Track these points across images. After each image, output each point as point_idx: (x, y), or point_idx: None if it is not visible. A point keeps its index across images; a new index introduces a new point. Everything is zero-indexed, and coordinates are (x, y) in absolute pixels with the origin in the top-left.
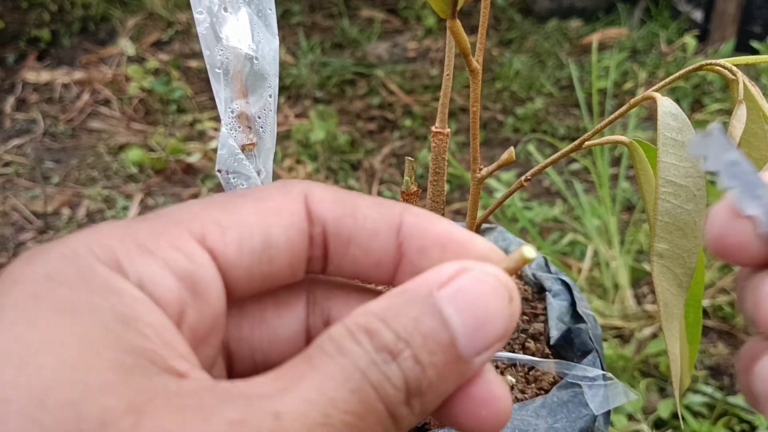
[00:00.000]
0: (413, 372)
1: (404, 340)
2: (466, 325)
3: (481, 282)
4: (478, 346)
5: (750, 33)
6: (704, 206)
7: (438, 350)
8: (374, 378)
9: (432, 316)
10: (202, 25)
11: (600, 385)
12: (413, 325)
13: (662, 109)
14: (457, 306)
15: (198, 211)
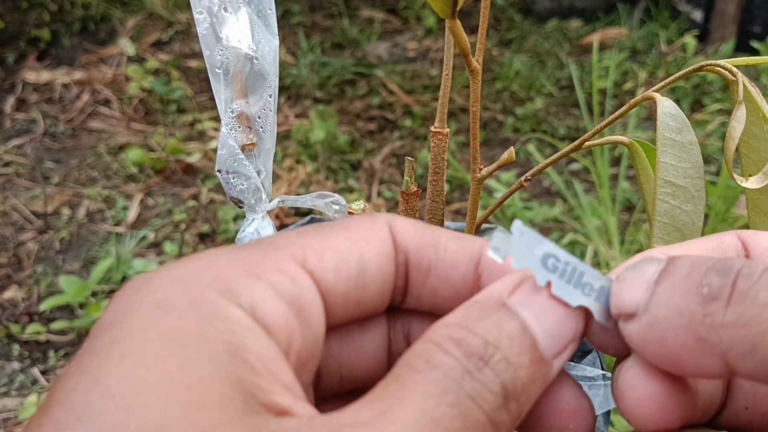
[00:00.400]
0: (507, 374)
1: (492, 345)
2: (543, 327)
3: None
4: (556, 348)
5: (750, 33)
6: (703, 207)
7: (524, 351)
8: (471, 388)
9: (512, 319)
10: (202, 25)
11: (600, 385)
12: (497, 329)
13: (662, 109)
14: (531, 310)
15: (295, 238)
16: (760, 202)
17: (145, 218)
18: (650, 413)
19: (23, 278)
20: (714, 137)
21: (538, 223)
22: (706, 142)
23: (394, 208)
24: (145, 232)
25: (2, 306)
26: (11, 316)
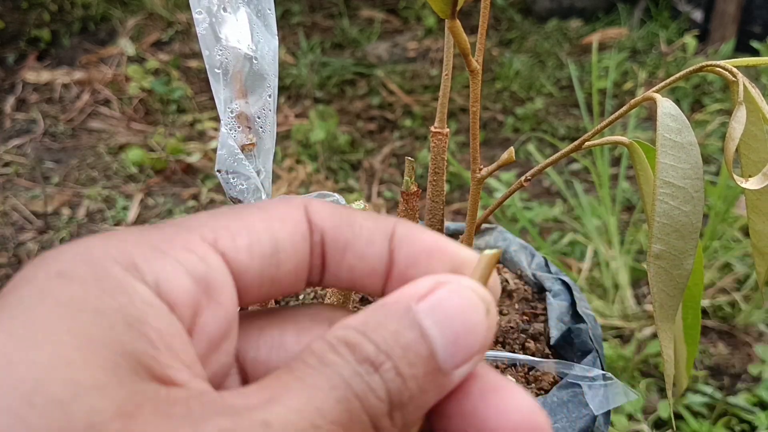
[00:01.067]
0: (395, 384)
1: (384, 353)
2: (444, 337)
3: (459, 295)
4: (458, 359)
5: (750, 33)
6: (702, 208)
7: (418, 362)
8: (358, 388)
9: (411, 329)
10: (201, 26)
11: (600, 385)
12: (393, 337)
13: (661, 110)
14: (435, 319)
15: (207, 219)
16: (759, 203)
17: (145, 218)
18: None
19: None
20: (714, 137)
21: (538, 223)
22: (706, 143)
23: (394, 208)
24: None
25: None
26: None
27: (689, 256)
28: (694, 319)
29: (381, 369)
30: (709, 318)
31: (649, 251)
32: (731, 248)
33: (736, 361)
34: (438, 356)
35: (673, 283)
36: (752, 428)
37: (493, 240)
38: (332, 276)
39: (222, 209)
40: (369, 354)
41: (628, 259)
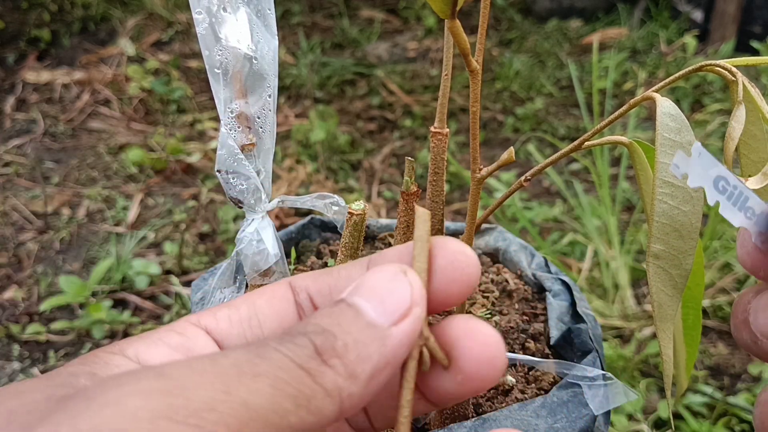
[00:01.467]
0: (318, 336)
1: (312, 323)
2: (370, 301)
3: (376, 271)
4: (391, 314)
5: (750, 33)
6: (701, 208)
7: (344, 320)
8: (279, 345)
9: (338, 305)
10: (201, 26)
11: (600, 385)
12: (321, 314)
13: (661, 110)
14: (358, 292)
15: (198, 312)
16: None
17: (145, 218)
18: None
19: (23, 278)
20: (714, 137)
21: (538, 223)
22: (706, 142)
23: (394, 208)
24: (145, 232)
25: (2, 306)
26: (11, 316)
27: (688, 256)
28: (695, 320)
29: (306, 330)
30: (709, 318)
31: (649, 251)
32: (731, 248)
33: (736, 361)
34: (369, 315)
35: (673, 283)
36: (752, 428)
37: (493, 240)
38: None
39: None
40: (296, 328)
41: (628, 259)
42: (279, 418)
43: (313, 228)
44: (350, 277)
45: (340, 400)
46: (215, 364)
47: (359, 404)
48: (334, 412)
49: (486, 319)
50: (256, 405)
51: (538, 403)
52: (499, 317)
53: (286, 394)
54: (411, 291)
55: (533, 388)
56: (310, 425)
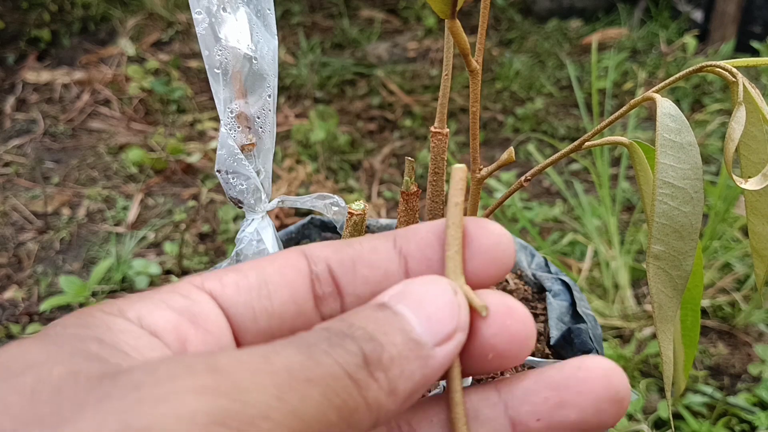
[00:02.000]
0: (369, 344)
1: (357, 326)
2: (417, 315)
3: (424, 281)
4: (437, 336)
5: (750, 33)
6: (701, 209)
7: (391, 331)
8: (328, 346)
9: (383, 310)
10: (200, 26)
11: None
12: (366, 317)
13: (661, 110)
14: (406, 303)
15: (201, 273)
16: (759, 204)
17: (145, 218)
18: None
19: (23, 278)
20: (714, 137)
21: (538, 223)
22: (706, 143)
23: (394, 208)
24: (145, 232)
25: (2, 306)
26: (11, 316)
27: (689, 256)
28: (693, 321)
29: (354, 334)
30: (709, 318)
31: (649, 252)
32: (731, 248)
33: (736, 361)
34: (414, 330)
35: (673, 284)
36: (752, 428)
37: None
38: (352, 296)
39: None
40: (342, 327)
41: (628, 259)
42: (324, 428)
43: (313, 228)
44: (376, 249)
45: (378, 416)
46: (268, 363)
47: (389, 419)
48: (368, 428)
49: None
50: (306, 415)
51: None
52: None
53: (333, 405)
54: (459, 314)
55: None
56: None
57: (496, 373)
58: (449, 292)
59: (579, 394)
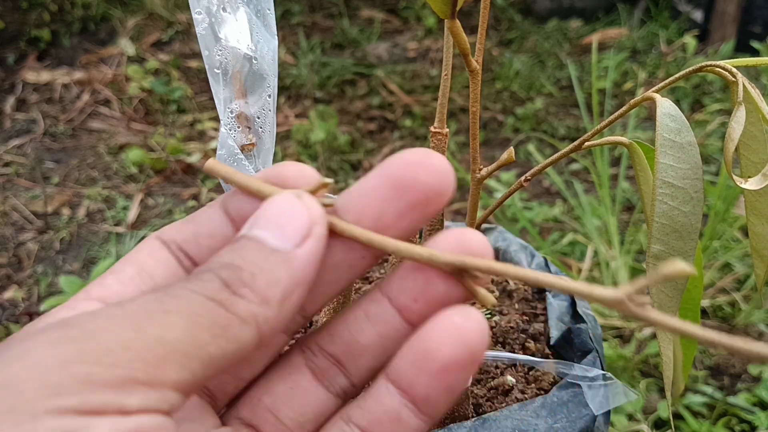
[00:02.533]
0: (223, 270)
1: (215, 261)
2: (268, 229)
3: (269, 201)
4: (292, 237)
5: (750, 33)
6: (701, 209)
7: (246, 253)
8: (185, 282)
9: (238, 241)
10: (200, 26)
11: (600, 385)
12: (224, 252)
13: (661, 110)
14: (256, 225)
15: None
16: (758, 204)
17: (145, 218)
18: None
19: (23, 278)
20: (714, 137)
21: (538, 223)
22: (706, 143)
23: None
24: (145, 232)
25: (2, 306)
26: (11, 316)
27: (688, 257)
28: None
29: (210, 268)
30: (709, 318)
31: (648, 252)
32: (731, 248)
33: (736, 361)
34: (269, 242)
35: (672, 284)
36: (752, 428)
37: (493, 240)
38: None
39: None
40: (199, 269)
41: (628, 259)
42: (198, 349)
43: None
44: (210, 219)
45: (257, 325)
46: (122, 309)
47: (278, 326)
48: (254, 337)
49: (486, 319)
50: (172, 339)
51: (538, 403)
52: (499, 317)
53: (201, 326)
54: (308, 212)
55: (533, 388)
56: (231, 353)
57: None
58: (291, 198)
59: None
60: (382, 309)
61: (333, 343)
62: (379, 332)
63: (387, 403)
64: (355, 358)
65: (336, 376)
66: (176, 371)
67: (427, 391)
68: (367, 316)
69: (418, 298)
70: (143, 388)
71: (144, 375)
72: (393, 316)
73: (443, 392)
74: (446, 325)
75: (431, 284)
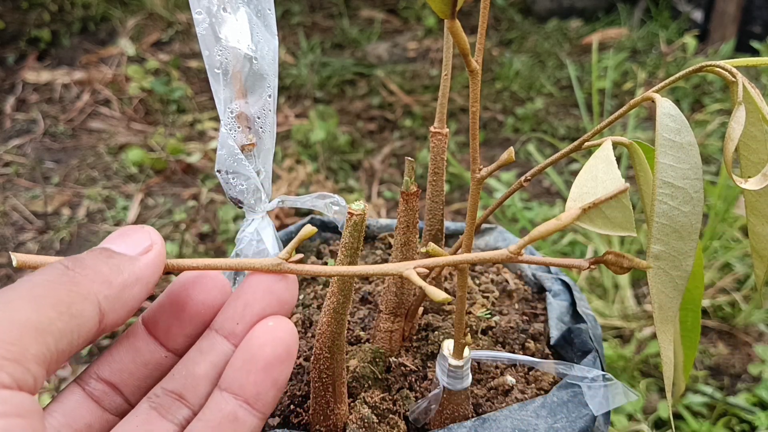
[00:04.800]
0: (68, 261)
1: (64, 260)
2: (113, 242)
3: (123, 230)
4: (136, 247)
5: (750, 33)
6: (701, 209)
7: (92, 254)
8: (29, 276)
9: (91, 251)
10: (201, 26)
11: (600, 386)
12: (81, 256)
13: (661, 110)
14: (104, 242)
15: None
16: (758, 203)
17: (145, 218)
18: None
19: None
20: (714, 137)
21: (538, 223)
22: (706, 143)
23: (394, 208)
24: None
25: None
26: None
27: (689, 257)
28: (693, 322)
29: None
30: (709, 318)
31: (648, 252)
32: (731, 248)
33: (736, 361)
34: (114, 249)
35: (673, 285)
36: (752, 428)
37: (492, 240)
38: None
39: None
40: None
41: None
42: (47, 325)
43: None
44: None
45: (98, 302)
46: None
47: (118, 310)
48: (95, 313)
49: (486, 319)
50: (22, 319)
51: (538, 403)
52: (499, 317)
53: (45, 305)
54: (150, 234)
55: (533, 388)
56: (77, 327)
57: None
58: (141, 229)
59: (254, 292)
60: (211, 341)
61: (173, 381)
62: (212, 360)
63: (224, 408)
64: (194, 388)
65: (178, 409)
66: (33, 346)
67: (257, 388)
68: (199, 350)
69: (240, 321)
70: (8, 363)
71: (6, 352)
72: (221, 343)
73: (270, 386)
74: (264, 330)
75: (248, 307)
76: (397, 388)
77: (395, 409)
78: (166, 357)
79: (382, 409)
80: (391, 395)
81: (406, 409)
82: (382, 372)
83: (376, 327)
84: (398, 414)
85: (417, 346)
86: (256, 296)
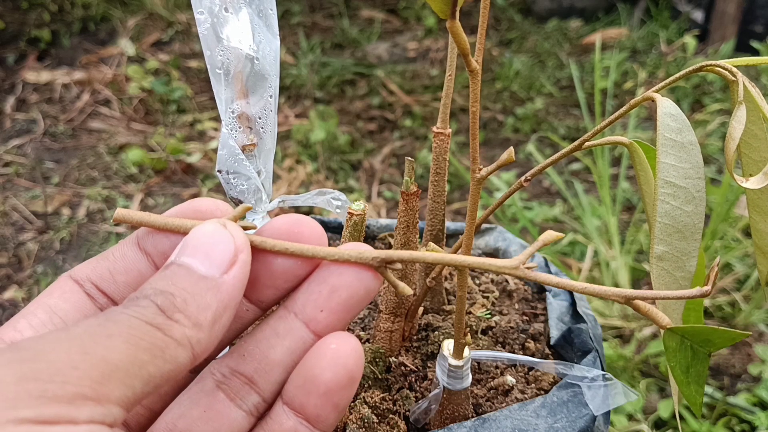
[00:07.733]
0: (158, 297)
1: (149, 287)
2: (196, 257)
3: (196, 230)
4: (219, 264)
5: (750, 33)
6: (704, 208)
7: (178, 280)
8: (124, 309)
9: (169, 268)
10: (202, 26)
11: (600, 385)
12: (155, 279)
13: (662, 110)
14: (184, 252)
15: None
16: (760, 201)
17: None
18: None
19: (23, 278)
20: (714, 137)
21: (538, 223)
22: (707, 142)
23: (394, 208)
24: None
25: (2, 306)
26: (11, 316)
27: (692, 257)
28: (696, 322)
29: (144, 294)
30: (709, 318)
31: (651, 253)
32: (732, 248)
33: (736, 361)
34: (199, 270)
35: (677, 286)
36: (752, 428)
37: (492, 240)
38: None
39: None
40: (134, 295)
41: (628, 259)
42: (138, 368)
43: None
44: (125, 255)
45: (191, 346)
46: (68, 333)
47: (209, 347)
48: (188, 358)
49: (486, 319)
50: (115, 359)
51: (538, 403)
52: (499, 317)
53: (141, 348)
54: (233, 240)
55: (533, 388)
56: (168, 371)
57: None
58: (217, 227)
59: (341, 276)
60: (289, 324)
61: (244, 363)
62: (288, 346)
63: (285, 423)
64: (266, 374)
65: (248, 394)
66: (119, 388)
67: (317, 410)
68: (276, 333)
69: (324, 308)
70: (91, 403)
71: (91, 391)
72: (300, 329)
73: (331, 410)
74: (326, 352)
75: (335, 294)
76: (397, 388)
77: (395, 409)
78: (247, 311)
79: (382, 409)
80: (391, 395)
81: (406, 409)
82: (382, 372)
83: (376, 327)
84: (398, 414)
85: (417, 346)
86: (343, 281)
